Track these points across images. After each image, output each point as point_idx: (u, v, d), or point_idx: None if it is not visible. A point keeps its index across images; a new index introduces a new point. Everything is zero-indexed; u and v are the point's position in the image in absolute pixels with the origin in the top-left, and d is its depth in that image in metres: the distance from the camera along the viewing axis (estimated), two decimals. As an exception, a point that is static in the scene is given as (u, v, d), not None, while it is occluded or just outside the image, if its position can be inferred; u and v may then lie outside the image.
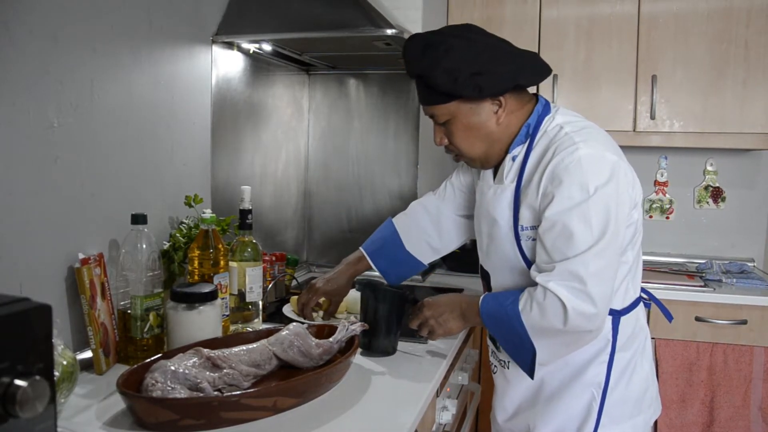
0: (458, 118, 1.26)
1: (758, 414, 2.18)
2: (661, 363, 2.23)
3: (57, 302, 1.25)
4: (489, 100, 1.24)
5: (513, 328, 1.22)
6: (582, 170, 1.16)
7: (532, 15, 2.49)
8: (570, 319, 1.15)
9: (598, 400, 1.29)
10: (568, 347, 1.24)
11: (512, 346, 1.26)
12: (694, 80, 2.41)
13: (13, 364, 0.59)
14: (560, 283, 1.15)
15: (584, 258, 1.15)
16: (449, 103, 1.25)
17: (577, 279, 1.15)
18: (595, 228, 1.15)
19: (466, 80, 1.20)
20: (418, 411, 1.13)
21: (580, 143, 1.19)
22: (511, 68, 1.23)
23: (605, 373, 1.29)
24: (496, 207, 1.30)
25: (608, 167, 1.18)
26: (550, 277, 1.16)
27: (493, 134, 1.28)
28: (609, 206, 1.16)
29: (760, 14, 2.34)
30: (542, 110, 1.29)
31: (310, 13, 1.71)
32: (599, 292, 1.15)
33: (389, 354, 1.40)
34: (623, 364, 1.30)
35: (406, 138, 2.35)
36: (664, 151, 2.77)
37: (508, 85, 1.24)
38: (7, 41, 1.10)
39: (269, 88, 2.12)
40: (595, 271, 1.15)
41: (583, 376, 1.29)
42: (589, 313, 1.15)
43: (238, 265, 1.50)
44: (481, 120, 1.26)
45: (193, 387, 1.05)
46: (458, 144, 1.30)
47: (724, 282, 2.33)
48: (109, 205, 1.37)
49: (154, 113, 1.52)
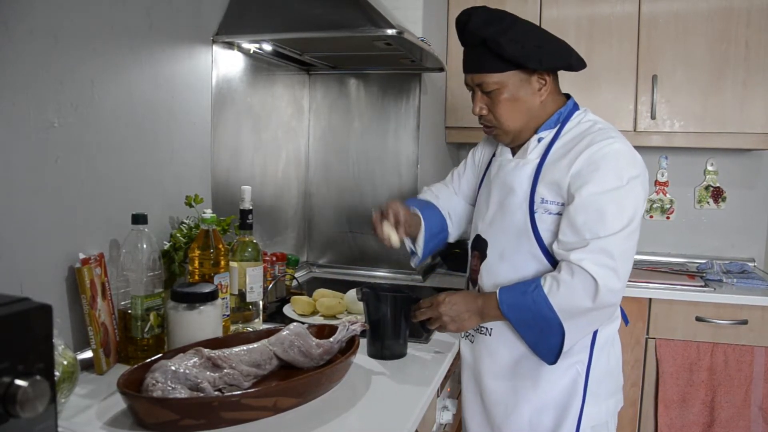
0: (508, 88, 1.33)
1: (759, 414, 2.18)
2: (662, 363, 2.23)
3: (57, 302, 1.24)
4: (537, 76, 1.33)
5: (540, 314, 1.25)
6: (618, 161, 1.27)
7: (533, 15, 2.49)
8: (600, 295, 1.21)
9: (582, 376, 1.34)
10: (592, 324, 1.30)
11: (538, 334, 1.29)
12: (695, 80, 2.41)
13: (14, 364, 0.59)
14: (592, 259, 1.22)
15: (616, 238, 1.23)
16: (505, 72, 1.32)
17: (609, 255, 1.22)
18: (626, 213, 1.25)
19: (532, 50, 1.29)
20: (418, 411, 1.13)
21: (616, 138, 1.31)
22: (565, 48, 1.36)
23: (589, 350, 1.35)
24: (515, 178, 1.37)
25: (639, 164, 1.30)
26: (584, 254, 1.23)
27: (532, 110, 1.36)
28: (637, 197, 1.27)
29: (760, 14, 2.34)
30: (573, 106, 1.40)
31: (310, 13, 1.71)
32: (625, 269, 1.24)
33: (401, 357, 1.40)
34: (604, 337, 1.36)
35: (406, 138, 2.35)
36: (665, 151, 2.77)
37: (563, 63, 1.34)
38: (7, 41, 1.10)
39: (269, 88, 2.12)
40: (624, 250, 1.24)
41: (568, 354, 1.32)
42: (616, 289, 1.23)
43: (238, 265, 1.50)
44: (527, 94, 1.34)
45: (194, 387, 1.05)
46: (500, 114, 1.36)
47: (725, 282, 2.33)
48: (109, 205, 1.37)
49: (155, 113, 1.52)
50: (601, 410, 1.37)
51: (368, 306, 1.38)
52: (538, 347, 1.31)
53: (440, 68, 2.21)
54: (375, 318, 1.37)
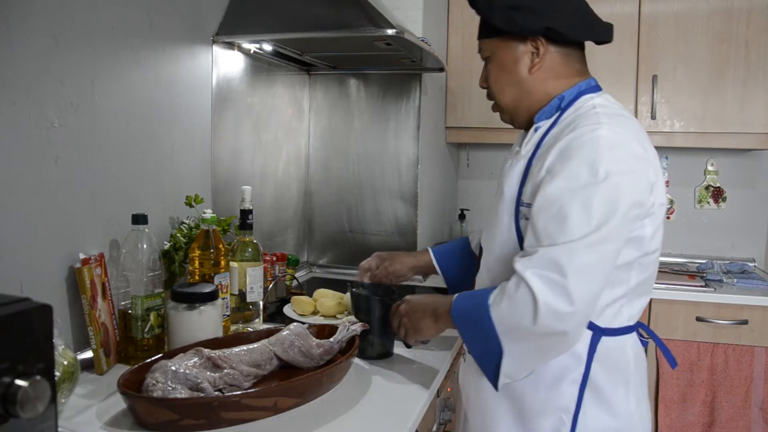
0: (497, 55, 1.21)
1: (759, 414, 2.18)
2: (662, 363, 2.23)
3: (58, 302, 1.24)
4: (530, 44, 1.17)
5: (481, 326, 1.07)
6: (597, 151, 1.03)
7: (533, 15, 2.48)
8: (540, 316, 0.99)
9: (568, 427, 1.11)
10: (542, 353, 1.08)
11: (480, 348, 1.10)
12: (695, 80, 2.41)
13: (14, 364, 0.59)
14: (537, 272, 1.00)
15: (573, 247, 1.00)
16: (491, 39, 1.21)
17: (558, 269, 0.99)
18: (595, 217, 1.00)
19: (502, 11, 1.14)
20: (418, 411, 1.13)
21: (606, 124, 1.06)
22: (558, 11, 1.15)
23: (576, 396, 1.11)
24: (506, 178, 1.20)
25: (629, 157, 1.05)
26: (529, 263, 1.02)
27: (524, 83, 1.19)
28: (617, 199, 1.02)
29: (760, 14, 2.34)
30: (585, 88, 1.19)
31: (310, 13, 1.71)
32: (580, 289, 0.99)
33: (386, 357, 1.40)
34: (597, 390, 1.11)
35: (406, 138, 2.35)
36: (665, 151, 2.77)
37: (539, 25, 1.14)
38: (8, 41, 1.10)
39: (270, 88, 2.12)
40: (582, 265, 0.99)
41: (551, 394, 1.12)
42: (562, 312, 0.99)
43: (238, 265, 1.50)
44: (514, 62, 1.19)
45: (194, 387, 1.05)
46: (492, 84, 1.24)
47: (725, 282, 2.33)
48: (109, 205, 1.37)
49: (155, 113, 1.52)
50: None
51: (353, 302, 1.41)
52: (481, 364, 1.11)
53: (440, 68, 2.21)
54: (358, 314, 1.39)
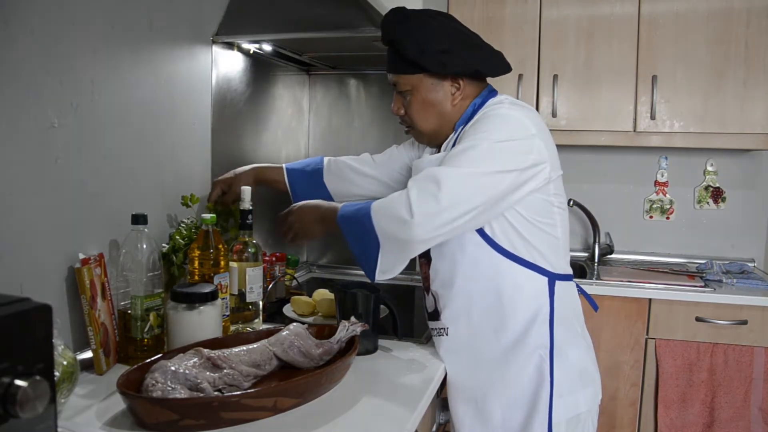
0: (419, 91, 1.34)
1: (759, 414, 2.18)
2: (662, 363, 2.23)
3: (57, 302, 1.24)
4: (450, 80, 1.32)
5: (362, 224, 1.24)
6: (501, 121, 1.24)
7: (533, 15, 2.48)
8: (413, 210, 1.17)
9: (547, 362, 1.28)
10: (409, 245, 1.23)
11: (360, 246, 1.27)
12: (695, 80, 2.41)
13: (14, 364, 0.59)
14: (418, 185, 1.19)
15: (451, 171, 1.19)
16: (414, 75, 1.33)
17: (435, 182, 1.18)
18: (481, 161, 1.19)
19: (433, 55, 1.28)
20: (418, 411, 1.13)
21: (509, 106, 1.28)
22: (476, 55, 1.32)
23: (548, 335, 1.29)
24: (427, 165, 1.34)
25: (524, 132, 1.23)
26: (413, 181, 1.21)
27: (446, 114, 1.35)
28: (507, 159, 1.21)
29: (760, 14, 2.34)
30: (488, 93, 1.37)
31: (310, 13, 1.71)
32: (450, 200, 1.17)
33: (370, 353, 1.40)
34: (563, 333, 1.31)
35: (407, 138, 2.34)
36: (665, 152, 2.77)
37: (469, 69, 1.31)
38: (8, 41, 1.10)
39: (269, 88, 2.12)
40: (457, 185, 1.18)
41: (527, 339, 1.29)
42: (429, 211, 1.17)
43: (238, 265, 1.50)
44: (438, 98, 1.34)
45: (194, 387, 1.05)
46: (413, 116, 1.37)
47: (725, 282, 2.32)
48: (109, 205, 1.37)
49: (154, 113, 1.52)
50: (578, 401, 1.30)
51: (337, 300, 1.42)
52: (362, 260, 1.28)
53: (440, 68, 2.21)
54: (341, 311, 1.40)
